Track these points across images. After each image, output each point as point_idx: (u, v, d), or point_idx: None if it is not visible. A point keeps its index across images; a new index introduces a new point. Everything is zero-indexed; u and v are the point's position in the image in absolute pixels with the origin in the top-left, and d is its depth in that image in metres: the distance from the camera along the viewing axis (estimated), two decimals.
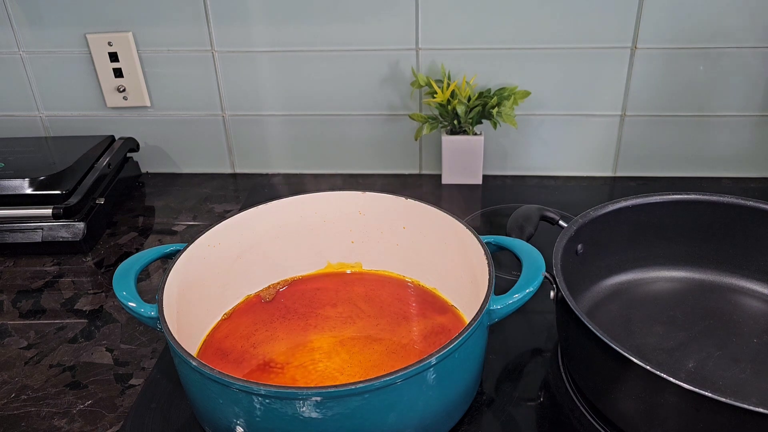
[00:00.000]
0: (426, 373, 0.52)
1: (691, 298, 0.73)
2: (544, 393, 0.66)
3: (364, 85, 1.02)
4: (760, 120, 1.00)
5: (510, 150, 1.06)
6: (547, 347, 0.72)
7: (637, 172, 1.06)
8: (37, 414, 0.65)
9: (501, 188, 1.05)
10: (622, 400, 0.57)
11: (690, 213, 0.73)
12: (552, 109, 1.02)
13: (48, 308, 0.82)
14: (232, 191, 1.08)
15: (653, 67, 0.97)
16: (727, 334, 0.68)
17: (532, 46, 0.97)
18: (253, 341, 0.69)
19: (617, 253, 0.75)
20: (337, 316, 0.72)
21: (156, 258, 0.68)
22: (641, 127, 1.02)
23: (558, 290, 0.61)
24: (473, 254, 0.66)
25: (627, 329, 0.70)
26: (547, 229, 0.75)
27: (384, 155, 1.09)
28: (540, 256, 0.63)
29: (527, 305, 0.60)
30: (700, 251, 0.75)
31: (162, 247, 0.69)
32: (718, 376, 0.63)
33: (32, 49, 1.03)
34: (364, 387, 0.49)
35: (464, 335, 0.53)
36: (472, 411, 0.63)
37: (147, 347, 0.74)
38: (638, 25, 0.94)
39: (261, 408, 0.51)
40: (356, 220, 0.77)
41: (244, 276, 0.75)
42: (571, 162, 1.07)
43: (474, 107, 0.98)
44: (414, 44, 0.99)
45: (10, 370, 0.71)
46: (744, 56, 0.95)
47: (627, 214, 0.72)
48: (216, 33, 1.00)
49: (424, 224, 0.73)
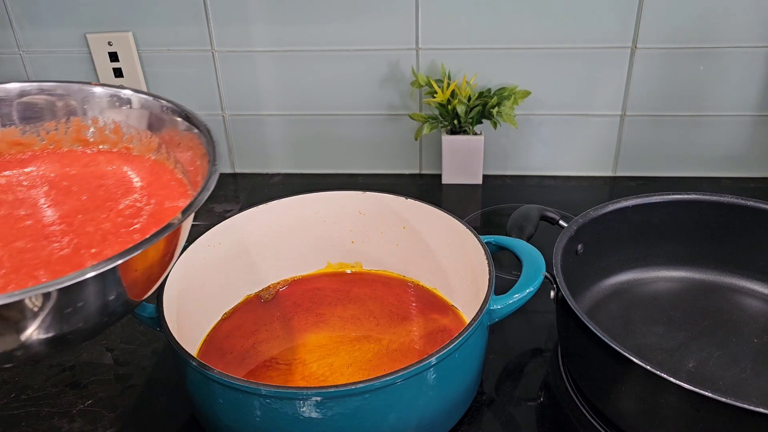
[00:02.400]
0: (426, 373, 0.52)
1: (691, 298, 0.73)
2: (544, 393, 0.66)
3: (364, 85, 1.02)
4: (760, 120, 1.00)
5: (510, 150, 1.06)
6: (547, 347, 0.72)
7: (637, 172, 1.06)
8: (37, 414, 0.65)
9: (501, 188, 1.05)
10: (622, 400, 0.57)
11: (690, 213, 0.73)
12: (552, 109, 1.02)
13: None
14: (232, 191, 1.08)
15: (653, 67, 0.97)
16: (727, 334, 0.68)
17: (533, 46, 0.97)
18: (253, 341, 0.69)
19: (617, 253, 0.75)
20: (337, 316, 0.72)
21: None
22: (641, 127, 1.02)
23: (558, 290, 0.61)
24: (473, 254, 0.66)
25: (627, 329, 0.70)
26: (547, 229, 0.75)
27: (384, 155, 1.09)
28: (540, 256, 0.63)
29: (527, 305, 0.60)
30: (700, 251, 0.75)
31: None
32: (718, 375, 0.63)
33: (32, 49, 1.03)
34: (364, 387, 0.49)
35: (464, 335, 0.53)
36: (472, 411, 0.63)
37: (147, 347, 0.74)
38: (638, 25, 0.94)
39: (261, 408, 0.51)
40: (356, 220, 0.77)
41: (244, 276, 0.75)
42: (571, 162, 1.07)
43: (474, 107, 0.98)
44: (414, 44, 0.99)
45: (9, 370, 0.71)
46: (744, 56, 0.95)
47: (627, 214, 0.72)
48: (216, 33, 1.00)
49: (424, 224, 0.73)
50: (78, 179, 0.57)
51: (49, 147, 0.60)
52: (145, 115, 0.60)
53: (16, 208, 0.53)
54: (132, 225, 0.51)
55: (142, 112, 0.60)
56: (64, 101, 0.60)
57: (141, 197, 0.55)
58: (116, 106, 0.60)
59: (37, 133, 0.59)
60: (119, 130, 0.60)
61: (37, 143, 0.60)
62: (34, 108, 0.59)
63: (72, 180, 0.57)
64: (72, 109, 0.60)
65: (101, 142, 0.61)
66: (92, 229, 0.51)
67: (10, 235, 0.50)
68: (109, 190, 0.55)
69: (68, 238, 0.49)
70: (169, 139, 0.59)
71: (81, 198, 0.54)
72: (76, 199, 0.54)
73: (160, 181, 0.57)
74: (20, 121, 0.59)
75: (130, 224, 0.51)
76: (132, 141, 0.60)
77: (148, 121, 0.60)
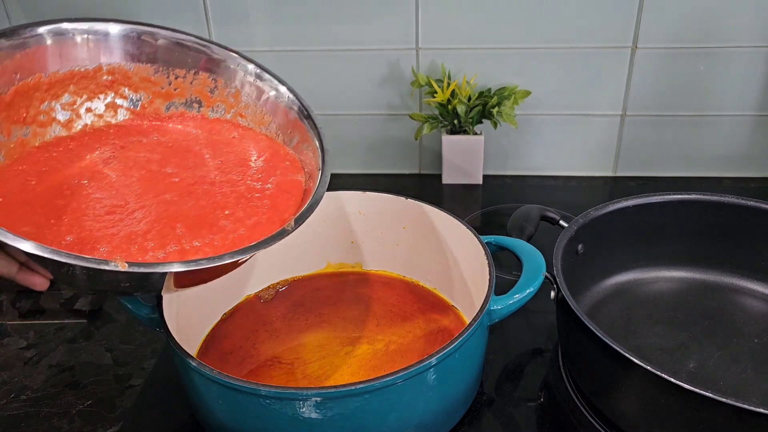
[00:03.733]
0: (426, 373, 0.52)
1: (691, 298, 0.73)
2: (544, 393, 0.66)
3: (364, 85, 1.02)
4: (760, 120, 1.00)
5: (510, 150, 1.06)
6: (548, 347, 0.72)
7: (638, 172, 1.06)
8: (37, 414, 0.65)
9: (501, 188, 1.05)
10: (622, 401, 0.57)
11: (690, 213, 0.73)
12: (552, 109, 1.02)
13: (47, 308, 0.81)
14: None
15: (653, 66, 0.97)
16: (727, 334, 0.68)
17: (533, 46, 0.97)
18: (253, 341, 0.69)
19: (618, 253, 0.74)
20: (336, 316, 0.72)
21: None
22: (641, 127, 1.02)
23: (558, 290, 0.61)
24: (473, 254, 0.66)
25: (627, 329, 0.70)
26: (548, 229, 0.75)
27: (384, 155, 1.09)
28: (540, 256, 0.63)
29: (527, 305, 0.60)
30: (701, 251, 0.75)
31: None
32: (718, 376, 0.63)
33: None
34: (364, 387, 0.49)
35: (464, 335, 0.53)
36: (472, 411, 0.63)
37: (147, 347, 0.74)
38: (638, 25, 0.94)
39: (261, 408, 0.51)
40: (356, 220, 0.76)
41: (244, 276, 0.74)
42: (572, 162, 1.07)
43: (474, 107, 0.98)
44: (414, 44, 0.99)
45: (9, 371, 0.71)
46: (744, 56, 0.95)
47: (627, 214, 0.72)
48: (216, 33, 0.99)
49: (424, 224, 0.73)
50: (211, 145, 0.64)
51: (173, 91, 0.66)
52: (272, 100, 0.67)
53: (163, 166, 0.60)
54: (262, 191, 0.58)
55: (274, 102, 0.66)
56: (207, 57, 0.66)
57: (266, 167, 0.61)
58: (249, 82, 0.67)
59: (167, 75, 0.65)
60: (239, 96, 0.67)
61: (165, 85, 0.65)
62: (173, 53, 0.65)
63: (204, 145, 0.63)
64: (209, 67, 0.66)
65: (219, 101, 0.67)
66: (227, 191, 0.57)
67: (160, 188, 0.57)
68: (238, 156, 0.62)
69: (207, 198, 0.56)
70: (284, 124, 0.66)
71: (216, 162, 0.61)
72: (212, 162, 0.61)
73: (278, 155, 0.63)
74: (159, 62, 0.65)
75: (261, 191, 0.58)
76: (247, 109, 0.66)
77: (272, 108, 0.67)
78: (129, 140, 0.62)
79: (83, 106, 0.62)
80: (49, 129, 0.59)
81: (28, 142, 0.58)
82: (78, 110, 0.62)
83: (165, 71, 0.65)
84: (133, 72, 0.64)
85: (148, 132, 0.64)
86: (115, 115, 0.64)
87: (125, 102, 0.64)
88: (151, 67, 0.64)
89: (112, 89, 0.63)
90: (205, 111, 0.67)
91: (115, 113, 0.64)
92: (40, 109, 0.58)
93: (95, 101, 0.63)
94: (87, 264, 0.43)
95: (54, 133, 0.60)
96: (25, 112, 0.57)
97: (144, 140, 0.63)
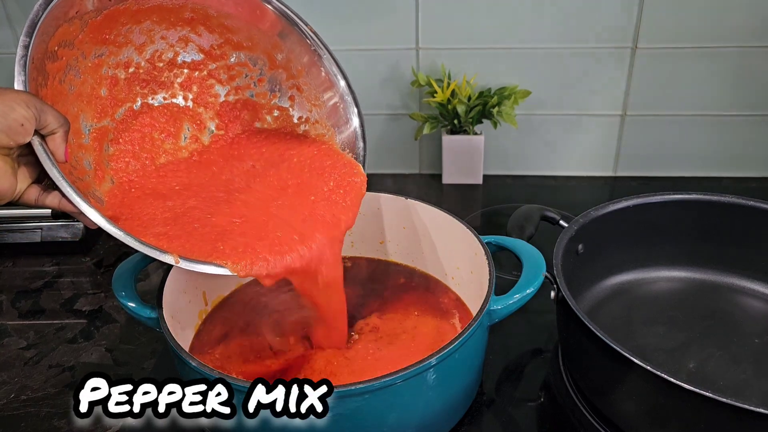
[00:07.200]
0: (426, 373, 0.52)
1: (691, 299, 0.73)
2: (544, 393, 0.66)
3: (364, 85, 1.02)
4: (760, 120, 1.00)
5: (510, 150, 1.06)
6: (548, 347, 0.72)
7: (638, 172, 1.06)
8: (37, 414, 0.65)
9: (501, 188, 1.05)
10: (622, 401, 0.57)
11: (690, 213, 0.73)
12: (552, 109, 1.02)
13: (47, 308, 0.81)
14: None
15: (653, 66, 0.97)
16: (727, 335, 0.68)
17: (533, 46, 0.97)
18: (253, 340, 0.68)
19: (618, 253, 0.74)
20: None
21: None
22: (642, 127, 1.02)
23: (558, 290, 0.61)
24: (473, 254, 0.66)
25: (627, 329, 0.69)
26: (548, 229, 0.74)
27: (384, 155, 1.09)
28: (540, 257, 0.63)
29: (527, 305, 0.60)
30: (701, 251, 0.75)
31: None
32: (718, 376, 0.63)
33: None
34: (364, 387, 0.49)
35: (464, 335, 0.53)
36: (472, 411, 0.63)
37: (147, 347, 0.74)
38: (638, 25, 0.94)
39: None
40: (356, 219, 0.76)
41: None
42: (572, 162, 1.07)
43: (474, 107, 0.98)
44: (414, 44, 0.99)
45: (9, 371, 0.71)
46: (744, 56, 0.95)
47: (628, 214, 0.72)
48: None
49: (424, 224, 0.73)
50: (290, 160, 0.68)
51: (245, 44, 0.68)
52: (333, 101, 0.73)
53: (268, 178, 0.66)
54: (343, 200, 0.65)
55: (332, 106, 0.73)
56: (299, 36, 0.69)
57: (335, 172, 0.67)
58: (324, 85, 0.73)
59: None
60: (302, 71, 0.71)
61: (239, 35, 0.68)
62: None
63: (289, 161, 0.68)
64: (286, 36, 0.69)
65: (283, 69, 0.70)
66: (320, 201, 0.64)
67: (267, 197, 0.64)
68: (313, 168, 0.67)
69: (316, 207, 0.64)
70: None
71: (302, 175, 0.67)
72: (301, 175, 0.67)
73: (342, 159, 0.69)
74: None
75: (341, 199, 0.65)
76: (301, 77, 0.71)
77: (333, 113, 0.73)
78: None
79: (159, 33, 0.65)
80: (124, 50, 0.63)
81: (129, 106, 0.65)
82: (153, 36, 0.65)
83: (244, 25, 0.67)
84: (214, 16, 0.66)
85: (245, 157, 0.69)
86: (185, 47, 0.67)
87: (198, 39, 0.67)
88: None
89: (190, 26, 0.66)
90: (265, 74, 0.70)
91: (185, 45, 0.67)
92: (122, 31, 0.62)
93: (171, 31, 0.66)
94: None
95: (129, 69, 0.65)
96: (108, 34, 0.61)
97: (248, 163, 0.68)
